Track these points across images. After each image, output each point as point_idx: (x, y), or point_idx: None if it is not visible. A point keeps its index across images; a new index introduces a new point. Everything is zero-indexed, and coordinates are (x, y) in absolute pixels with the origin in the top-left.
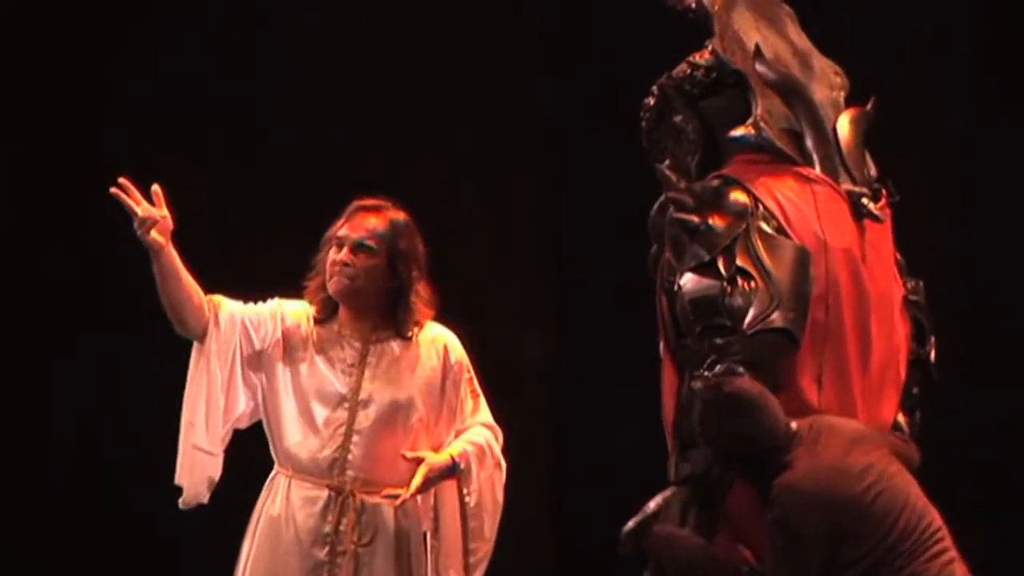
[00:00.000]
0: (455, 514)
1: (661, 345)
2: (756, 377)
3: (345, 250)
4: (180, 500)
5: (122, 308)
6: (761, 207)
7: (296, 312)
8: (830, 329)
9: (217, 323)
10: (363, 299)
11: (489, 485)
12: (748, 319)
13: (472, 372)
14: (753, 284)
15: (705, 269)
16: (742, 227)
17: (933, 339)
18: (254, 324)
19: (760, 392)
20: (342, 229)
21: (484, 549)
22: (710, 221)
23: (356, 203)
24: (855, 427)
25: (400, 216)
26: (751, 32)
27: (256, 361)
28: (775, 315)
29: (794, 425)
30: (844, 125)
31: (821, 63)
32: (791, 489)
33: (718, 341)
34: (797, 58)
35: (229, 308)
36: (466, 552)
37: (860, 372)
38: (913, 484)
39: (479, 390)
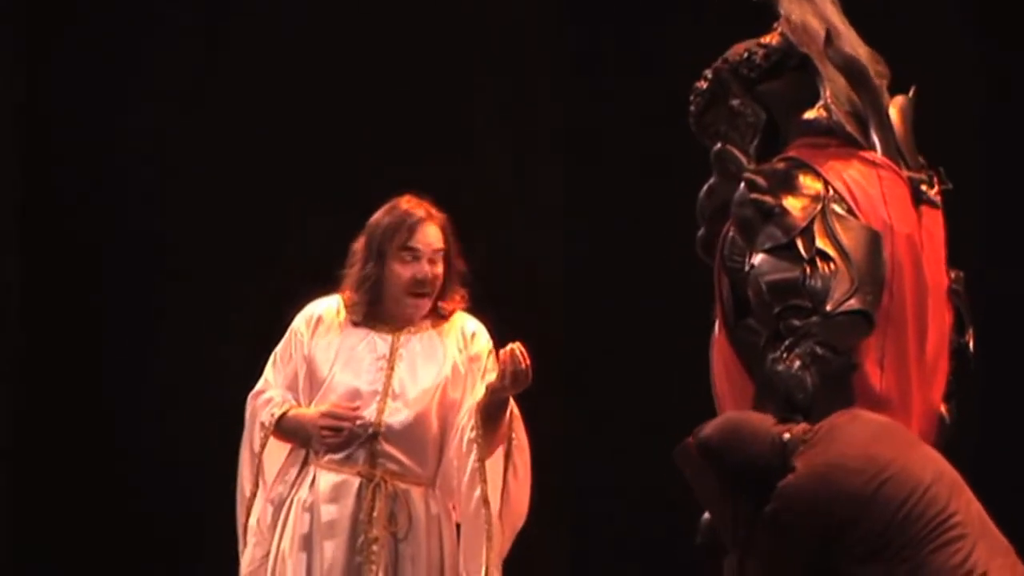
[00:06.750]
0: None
1: (716, 324)
2: (836, 359)
3: (426, 263)
4: None
5: None
6: (831, 189)
7: (320, 314)
8: (893, 314)
9: None
10: None
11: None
12: (831, 301)
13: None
14: (833, 266)
15: (783, 251)
16: (818, 208)
17: (971, 330)
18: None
19: (723, 429)
20: (415, 241)
21: (517, 517)
22: (784, 203)
23: (412, 209)
24: (879, 421)
25: (444, 217)
26: (811, 18)
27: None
28: (855, 297)
29: (786, 436)
30: (893, 113)
31: (865, 51)
32: (786, 491)
33: (796, 323)
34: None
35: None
36: (503, 496)
37: (917, 359)
38: (930, 472)
39: None
